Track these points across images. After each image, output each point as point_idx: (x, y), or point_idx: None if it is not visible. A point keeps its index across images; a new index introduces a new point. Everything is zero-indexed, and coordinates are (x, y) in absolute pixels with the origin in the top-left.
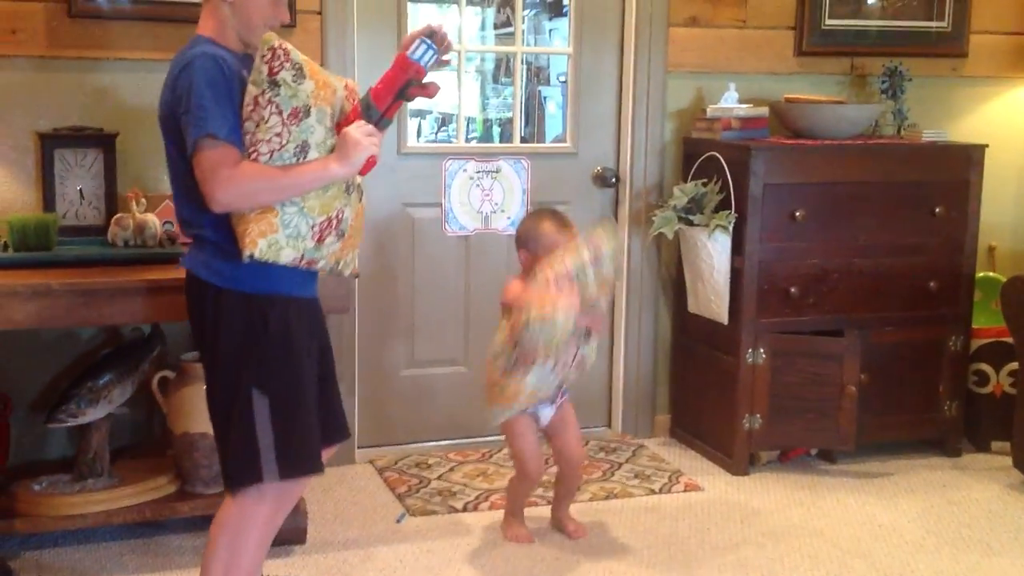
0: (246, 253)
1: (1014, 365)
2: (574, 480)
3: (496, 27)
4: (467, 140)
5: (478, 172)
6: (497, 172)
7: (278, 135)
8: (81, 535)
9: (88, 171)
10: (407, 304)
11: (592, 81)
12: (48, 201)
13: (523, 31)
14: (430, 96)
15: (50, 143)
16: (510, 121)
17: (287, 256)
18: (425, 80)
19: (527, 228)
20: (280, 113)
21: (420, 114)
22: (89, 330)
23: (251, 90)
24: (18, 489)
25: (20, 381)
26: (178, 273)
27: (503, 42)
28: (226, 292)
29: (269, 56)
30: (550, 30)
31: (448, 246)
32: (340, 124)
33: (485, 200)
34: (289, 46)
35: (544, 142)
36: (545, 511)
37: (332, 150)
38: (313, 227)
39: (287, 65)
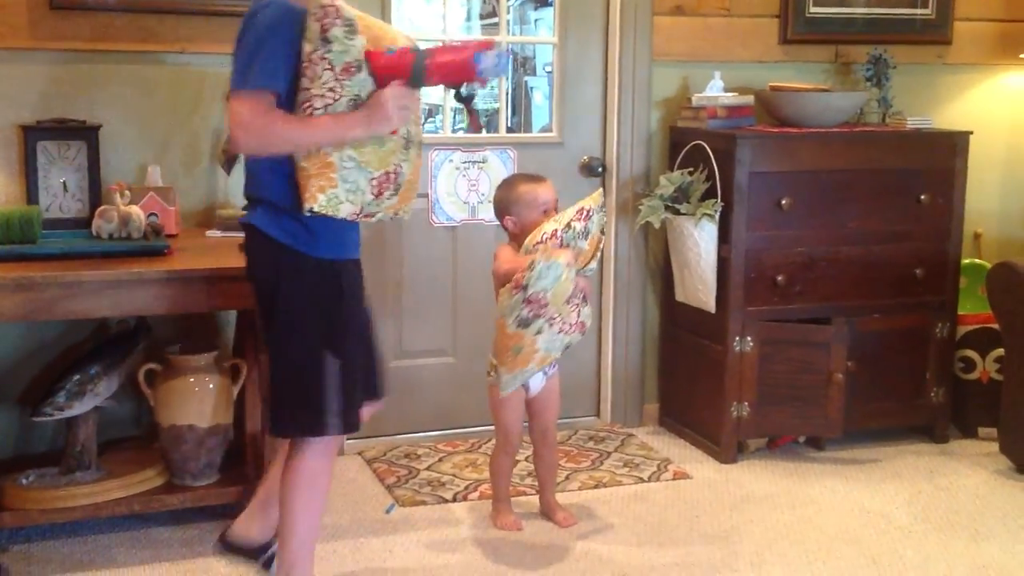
0: (307, 207)
1: (1000, 351)
2: (552, 457)
3: (482, 17)
4: (454, 131)
5: (464, 163)
6: (483, 163)
7: (331, 90)
8: (69, 528)
9: (72, 163)
10: (394, 295)
11: (577, 71)
12: (31, 194)
13: (508, 21)
14: (472, 114)
15: (33, 135)
16: (497, 111)
17: (346, 210)
18: (477, 102)
19: (503, 194)
20: (332, 69)
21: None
22: (75, 323)
23: (305, 47)
24: (6, 483)
25: (6, 375)
26: (162, 265)
27: (488, 32)
28: (302, 256)
29: (321, 14)
30: (536, 20)
31: (435, 237)
32: (382, 66)
33: (471, 191)
34: (341, 3)
35: (531, 132)
36: (535, 499)
37: None
38: (372, 181)
39: (338, 22)
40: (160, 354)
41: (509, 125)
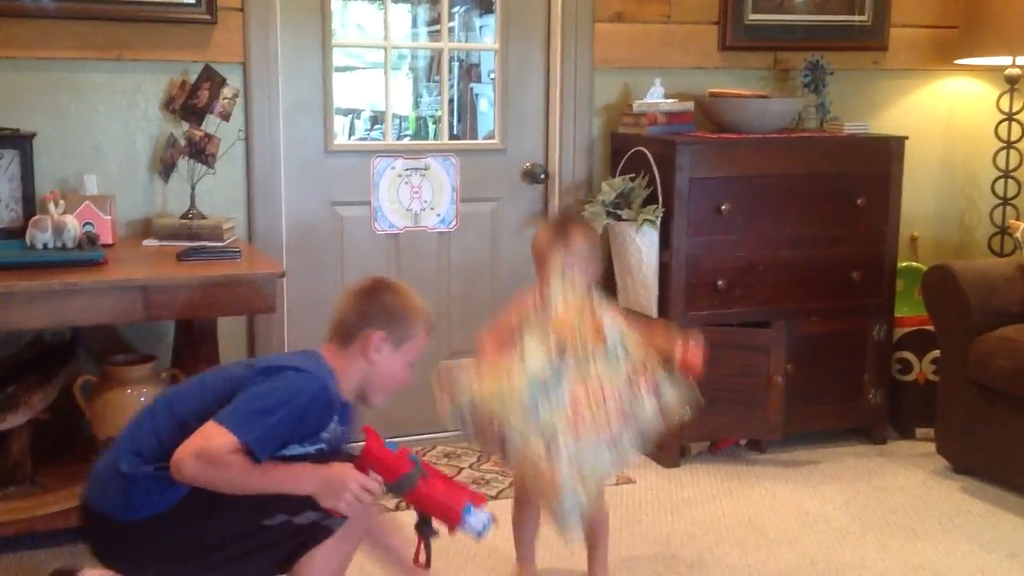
0: None
1: (936, 353)
2: (594, 526)
3: (428, 24)
4: (399, 138)
5: (407, 169)
6: (426, 169)
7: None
8: (4, 544)
9: (4, 173)
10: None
11: (519, 78)
12: None
13: (453, 28)
14: (422, 545)
15: None
16: (440, 118)
17: None
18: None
19: (535, 233)
20: None
21: (355, 112)
22: (8, 335)
23: None
24: None
25: None
26: (97, 275)
27: (433, 39)
28: None
29: None
30: (480, 27)
31: (377, 244)
32: (373, 455)
33: (414, 198)
34: None
35: (477, 139)
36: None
37: None
38: None
39: None
40: (96, 365)
41: (455, 132)
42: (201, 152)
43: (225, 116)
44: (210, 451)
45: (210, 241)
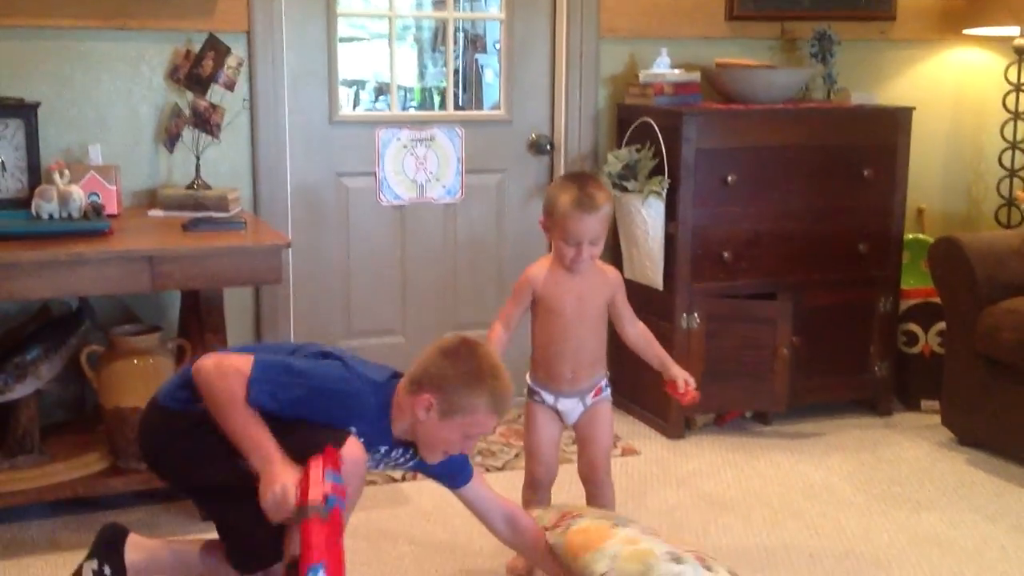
0: None
1: (942, 325)
2: (604, 500)
3: None
4: (404, 109)
5: (412, 141)
6: (431, 140)
7: None
8: (12, 513)
9: (9, 142)
10: (342, 274)
11: (525, 48)
12: None
13: None
14: None
15: None
16: (445, 90)
17: None
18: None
19: (549, 190)
20: None
21: (360, 84)
22: (15, 305)
23: None
24: None
25: None
26: (103, 245)
27: (438, 9)
28: None
29: None
30: None
31: (383, 216)
32: (307, 472)
33: (420, 169)
34: None
35: (482, 110)
36: None
37: None
38: None
39: None
40: (103, 335)
41: (460, 103)
42: (206, 122)
43: (229, 86)
44: (225, 359)
45: (215, 211)
